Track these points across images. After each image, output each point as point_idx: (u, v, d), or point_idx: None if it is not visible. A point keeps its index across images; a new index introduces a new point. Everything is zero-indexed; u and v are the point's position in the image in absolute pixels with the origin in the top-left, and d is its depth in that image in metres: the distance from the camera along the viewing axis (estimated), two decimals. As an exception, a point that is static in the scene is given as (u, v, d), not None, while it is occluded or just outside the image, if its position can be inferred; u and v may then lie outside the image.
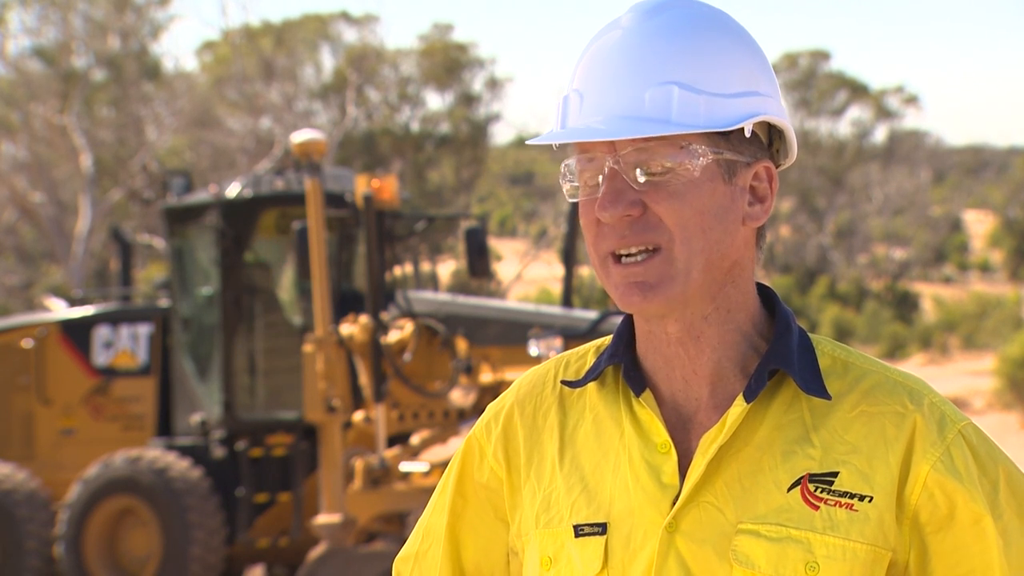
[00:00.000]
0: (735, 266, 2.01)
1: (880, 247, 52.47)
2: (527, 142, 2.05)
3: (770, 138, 2.04)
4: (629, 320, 2.09)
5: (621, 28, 2.00)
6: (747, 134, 1.99)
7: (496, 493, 2.15)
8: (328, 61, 39.03)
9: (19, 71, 32.80)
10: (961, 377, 29.17)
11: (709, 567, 1.97)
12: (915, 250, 52.62)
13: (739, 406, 1.99)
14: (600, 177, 1.98)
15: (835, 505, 1.97)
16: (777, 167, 2.05)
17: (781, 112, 2.03)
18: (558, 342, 10.47)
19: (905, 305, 43.73)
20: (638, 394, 2.04)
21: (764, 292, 2.08)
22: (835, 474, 1.98)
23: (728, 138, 1.98)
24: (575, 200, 2.02)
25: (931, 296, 45.12)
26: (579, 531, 2.04)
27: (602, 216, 1.96)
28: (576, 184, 2.01)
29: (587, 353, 2.16)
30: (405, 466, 10.60)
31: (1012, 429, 23.18)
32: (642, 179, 1.96)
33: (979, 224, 64.31)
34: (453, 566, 2.20)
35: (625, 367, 2.06)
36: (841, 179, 48.93)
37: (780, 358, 2.01)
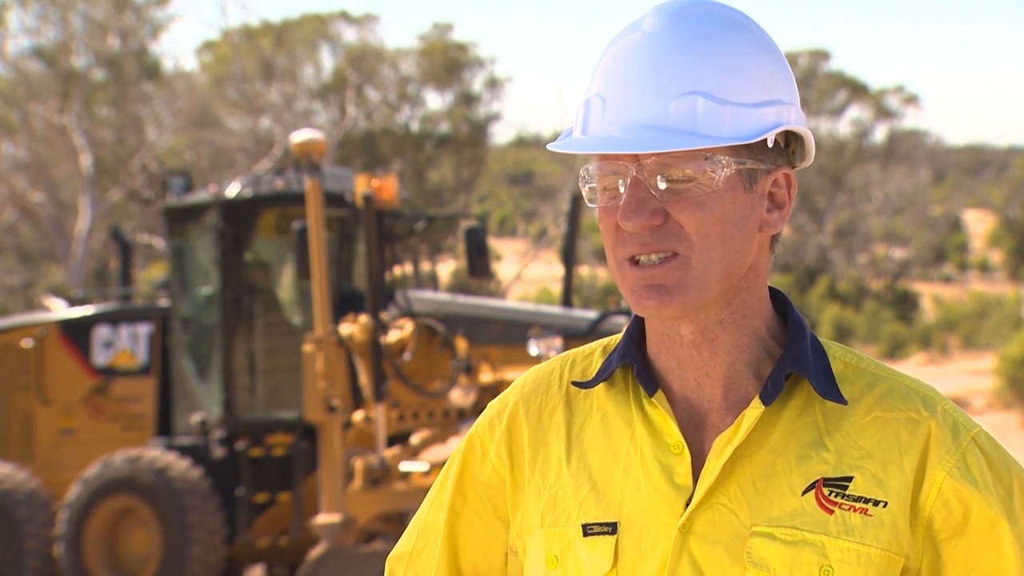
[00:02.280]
0: (751, 272, 2.01)
1: (880, 247, 52.45)
2: (549, 146, 2.02)
3: (787, 140, 2.03)
4: (640, 320, 2.08)
5: (643, 31, 1.99)
6: (770, 144, 1.99)
7: (497, 491, 2.14)
8: (328, 61, 39.04)
9: (19, 71, 32.79)
10: (961, 377, 29.18)
11: (722, 569, 1.97)
12: (915, 250, 52.62)
13: (756, 408, 1.99)
14: (620, 182, 1.97)
15: (849, 510, 1.97)
16: (793, 167, 2.04)
17: (801, 119, 2.02)
18: (558, 342, 10.47)
19: (905, 305, 43.74)
20: (651, 394, 2.04)
21: (776, 296, 2.08)
22: (849, 479, 1.98)
23: (750, 147, 1.98)
24: (594, 205, 2.00)
25: (931, 296, 45.13)
26: (588, 530, 2.04)
27: (625, 225, 1.95)
28: (594, 186, 2.00)
29: (594, 353, 2.15)
30: (405, 466, 10.60)
31: (1012, 429, 23.18)
32: (663, 185, 1.95)
33: (979, 224, 64.31)
34: (450, 565, 2.18)
35: (637, 367, 2.05)
36: (841, 179, 48.93)
37: (796, 362, 2.01)
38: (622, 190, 1.97)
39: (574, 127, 2.02)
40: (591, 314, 11.62)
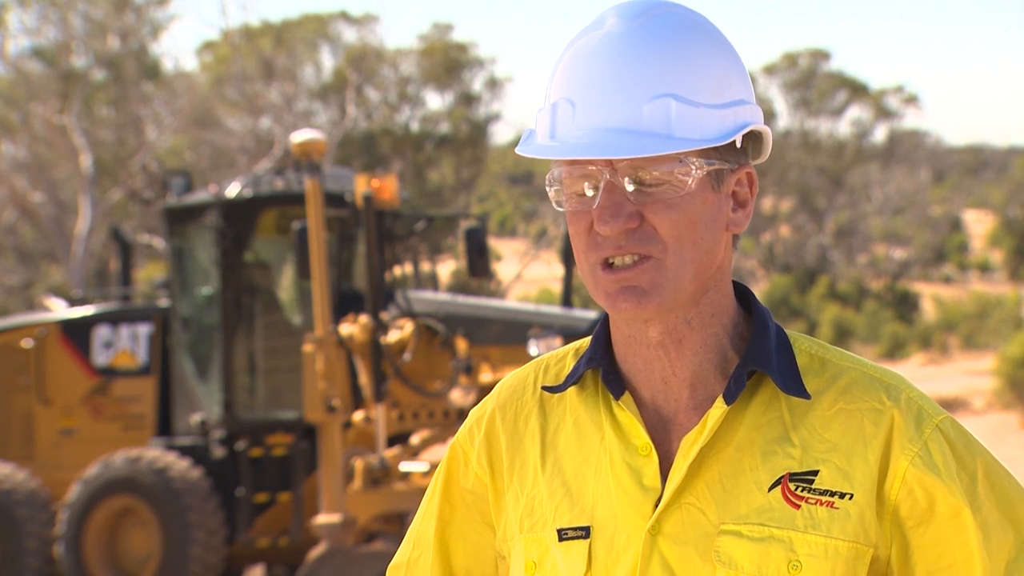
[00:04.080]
0: (718, 271, 2.02)
1: (880, 247, 52.45)
2: (518, 150, 2.01)
3: (743, 137, 2.04)
4: (606, 322, 2.09)
5: (606, 32, 1.99)
6: (738, 145, 2.00)
7: (482, 498, 2.16)
8: (328, 61, 39.06)
9: (19, 71, 32.80)
10: (961, 377, 29.15)
11: (692, 568, 1.98)
12: (915, 250, 52.61)
13: (719, 408, 2.00)
14: (585, 184, 1.97)
15: (816, 504, 1.98)
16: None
17: (761, 116, 2.04)
18: (558, 342, 10.47)
19: (905, 305, 43.73)
20: (617, 397, 2.05)
21: (739, 291, 2.09)
22: (815, 473, 1.99)
23: (718, 147, 1.99)
24: (562, 208, 2.00)
25: (931, 296, 45.11)
26: (563, 535, 2.05)
27: (602, 230, 1.95)
28: (559, 189, 2.00)
29: (566, 356, 2.16)
30: (405, 466, 10.61)
31: (1012, 429, 23.18)
32: (631, 188, 1.95)
33: (979, 224, 64.34)
34: (444, 573, 2.20)
35: (604, 370, 2.06)
36: (841, 179, 48.94)
37: (758, 359, 2.02)
38: (589, 193, 1.97)
39: (538, 130, 2.01)
40: (591, 314, 11.62)
